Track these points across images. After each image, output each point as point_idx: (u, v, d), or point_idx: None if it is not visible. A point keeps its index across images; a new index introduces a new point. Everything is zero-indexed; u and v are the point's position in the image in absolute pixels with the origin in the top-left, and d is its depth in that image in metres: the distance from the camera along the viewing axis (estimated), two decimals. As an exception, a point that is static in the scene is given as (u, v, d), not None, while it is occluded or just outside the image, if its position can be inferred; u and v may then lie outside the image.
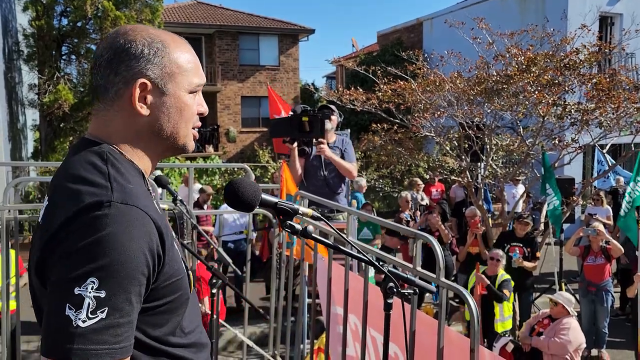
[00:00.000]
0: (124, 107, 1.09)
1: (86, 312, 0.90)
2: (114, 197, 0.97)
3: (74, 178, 1.02)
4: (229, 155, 20.77)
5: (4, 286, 3.72)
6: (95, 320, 0.90)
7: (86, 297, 0.90)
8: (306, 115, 4.13)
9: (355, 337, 2.94)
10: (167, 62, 1.10)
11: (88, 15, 11.24)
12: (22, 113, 13.09)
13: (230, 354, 5.63)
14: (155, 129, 1.12)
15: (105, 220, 0.94)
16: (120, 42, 1.08)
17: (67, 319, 0.90)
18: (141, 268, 0.96)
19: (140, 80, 1.08)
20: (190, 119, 1.16)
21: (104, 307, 0.91)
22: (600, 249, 6.21)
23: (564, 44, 7.51)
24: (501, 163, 9.81)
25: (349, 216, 3.10)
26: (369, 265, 1.66)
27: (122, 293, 0.93)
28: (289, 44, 21.95)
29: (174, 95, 1.12)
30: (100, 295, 0.90)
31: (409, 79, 8.39)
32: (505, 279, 5.54)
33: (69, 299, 0.90)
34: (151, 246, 0.98)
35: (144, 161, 1.14)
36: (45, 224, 1.01)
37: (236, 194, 1.30)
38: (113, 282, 0.92)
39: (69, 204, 0.97)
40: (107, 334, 0.91)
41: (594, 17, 9.81)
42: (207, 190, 7.64)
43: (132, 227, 0.96)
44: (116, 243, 0.93)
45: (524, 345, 5.03)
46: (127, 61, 1.07)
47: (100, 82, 1.09)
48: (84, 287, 0.90)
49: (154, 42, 1.10)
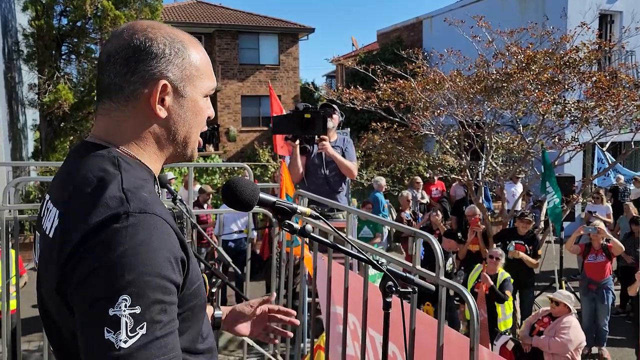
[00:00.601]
0: (140, 107, 1.05)
1: (126, 332, 0.86)
2: (130, 207, 0.93)
3: (85, 188, 0.97)
4: (229, 155, 20.78)
5: (4, 286, 3.72)
6: (137, 338, 0.87)
7: (122, 316, 0.86)
8: (308, 113, 4.13)
9: (355, 336, 2.94)
10: (187, 64, 1.07)
11: (88, 15, 11.24)
12: (22, 113, 13.09)
13: (231, 353, 5.63)
14: (171, 133, 1.09)
15: (125, 233, 0.90)
16: (141, 40, 1.03)
17: (108, 343, 0.86)
18: (170, 276, 0.92)
19: (163, 82, 1.03)
20: (202, 124, 1.14)
21: (142, 322, 0.87)
22: (601, 247, 6.22)
23: (564, 42, 7.50)
24: (501, 161, 9.80)
25: (348, 215, 3.10)
26: (369, 265, 1.66)
27: (157, 304, 0.89)
28: (288, 43, 21.94)
29: (192, 99, 1.09)
30: (136, 312, 0.87)
31: (409, 77, 8.39)
32: (506, 279, 5.55)
33: (105, 321, 0.86)
34: (175, 253, 0.95)
35: (154, 164, 1.11)
36: (60, 240, 0.96)
37: (234, 193, 1.29)
38: (145, 296, 0.88)
39: (84, 218, 0.93)
40: (152, 348, 0.88)
41: (593, 15, 9.80)
42: (207, 189, 7.64)
43: (154, 236, 0.92)
44: (141, 255, 0.89)
45: (524, 345, 5.03)
46: (148, 60, 1.03)
47: (114, 79, 1.04)
48: (117, 306, 0.86)
49: (175, 42, 1.06)
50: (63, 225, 0.98)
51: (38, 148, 12.73)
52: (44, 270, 1.03)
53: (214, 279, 3.02)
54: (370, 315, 2.63)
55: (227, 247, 6.95)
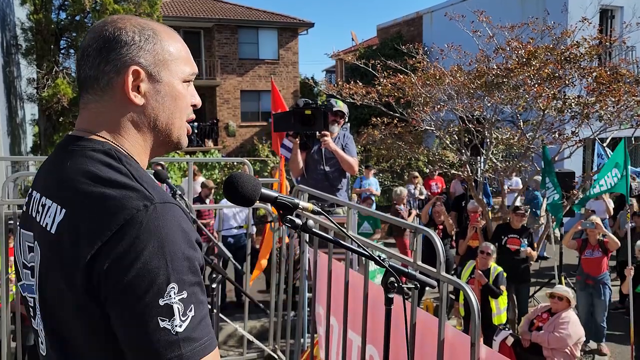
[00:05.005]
0: (117, 97, 1.05)
1: (179, 317, 0.90)
2: (155, 197, 0.95)
3: (95, 181, 0.96)
4: (229, 150, 20.75)
5: (4, 281, 3.72)
6: (189, 320, 0.92)
7: (173, 304, 0.90)
8: (309, 109, 4.13)
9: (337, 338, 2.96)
10: (159, 49, 1.06)
11: (86, 9, 11.20)
12: (21, 107, 13.06)
13: (231, 348, 5.64)
14: (151, 120, 1.08)
15: (156, 224, 0.92)
16: (110, 31, 1.04)
17: (165, 330, 0.89)
18: (199, 258, 0.97)
19: (133, 68, 1.03)
20: (185, 110, 1.12)
21: (190, 305, 0.92)
22: (597, 243, 6.25)
23: (565, 37, 7.47)
24: (501, 157, 9.79)
25: (348, 210, 3.09)
26: (370, 260, 1.65)
27: (197, 286, 0.95)
28: (288, 37, 21.88)
29: (168, 84, 1.08)
30: (184, 296, 0.91)
31: (409, 72, 8.35)
32: (499, 273, 5.56)
33: (158, 312, 0.90)
34: (195, 237, 0.99)
35: (139, 156, 1.09)
36: (74, 237, 0.94)
37: (236, 188, 1.28)
38: (187, 281, 0.93)
39: (106, 212, 0.92)
40: (202, 326, 0.94)
41: (594, 10, 9.77)
42: (209, 184, 7.63)
43: (179, 224, 0.95)
44: (175, 243, 0.93)
45: (523, 341, 5.04)
46: (118, 49, 1.03)
47: (89, 72, 1.05)
48: (167, 295, 0.90)
49: (145, 30, 1.06)
50: (74, 220, 0.96)
51: (37, 143, 12.72)
52: (46, 269, 1.00)
53: (214, 275, 3.01)
54: (350, 319, 2.64)
55: (226, 242, 6.94)
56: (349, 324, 2.82)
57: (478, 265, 5.64)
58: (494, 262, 5.68)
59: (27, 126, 13.47)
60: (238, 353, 5.13)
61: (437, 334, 2.13)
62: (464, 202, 8.44)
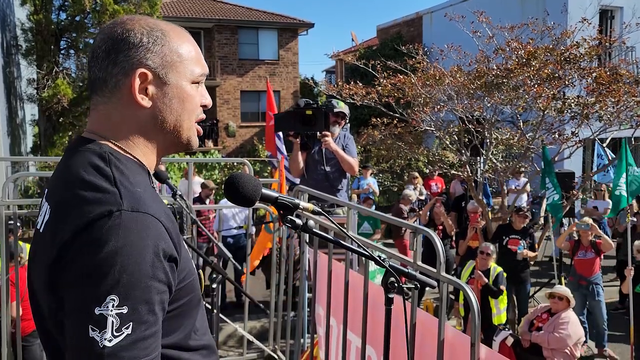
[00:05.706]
0: (124, 99, 1.04)
1: (111, 331, 0.87)
2: (123, 204, 0.92)
3: (76, 183, 0.96)
4: (229, 150, 20.75)
5: (4, 281, 3.72)
6: (122, 337, 0.87)
7: (109, 316, 0.87)
8: (309, 109, 4.13)
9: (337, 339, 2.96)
10: (167, 50, 1.06)
11: (86, 9, 11.20)
12: (21, 108, 13.06)
13: (231, 349, 5.64)
14: (158, 122, 1.07)
15: (117, 231, 0.89)
16: (118, 32, 1.04)
17: (92, 341, 0.86)
18: (160, 276, 0.92)
19: (140, 70, 1.03)
20: (194, 111, 1.11)
21: (128, 322, 0.88)
22: (589, 244, 6.26)
23: (565, 37, 7.47)
24: (501, 157, 9.79)
25: (348, 210, 3.10)
26: (370, 260, 1.65)
27: (144, 305, 0.90)
28: (288, 38, 21.87)
29: (176, 86, 1.07)
30: (123, 312, 0.87)
31: (409, 73, 8.36)
32: (499, 273, 5.57)
33: (91, 320, 0.87)
34: (166, 251, 0.94)
35: (147, 157, 1.09)
36: (51, 236, 0.95)
37: (237, 188, 1.28)
38: (133, 296, 0.88)
39: (75, 214, 0.92)
40: (136, 348, 0.88)
41: (594, 11, 9.77)
42: (209, 185, 7.62)
43: (145, 236, 0.91)
44: (132, 255, 0.89)
45: (523, 341, 5.04)
46: (126, 50, 1.03)
47: (98, 74, 1.04)
48: (105, 306, 0.87)
49: (153, 31, 1.05)
50: (53, 221, 0.97)
51: (37, 143, 12.71)
52: (34, 265, 1.02)
53: (214, 275, 3.01)
54: (350, 319, 2.64)
55: (226, 242, 6.94)
56: (349, 325, 2.82)
57: (478, 266, 5.64)
58: (493, 262, 5.68)
59: (27, 126, 13.48)
60: (238, 353, 5.13)
61: (437, 334, 2.13)
62: (464, 202, 8.45)
